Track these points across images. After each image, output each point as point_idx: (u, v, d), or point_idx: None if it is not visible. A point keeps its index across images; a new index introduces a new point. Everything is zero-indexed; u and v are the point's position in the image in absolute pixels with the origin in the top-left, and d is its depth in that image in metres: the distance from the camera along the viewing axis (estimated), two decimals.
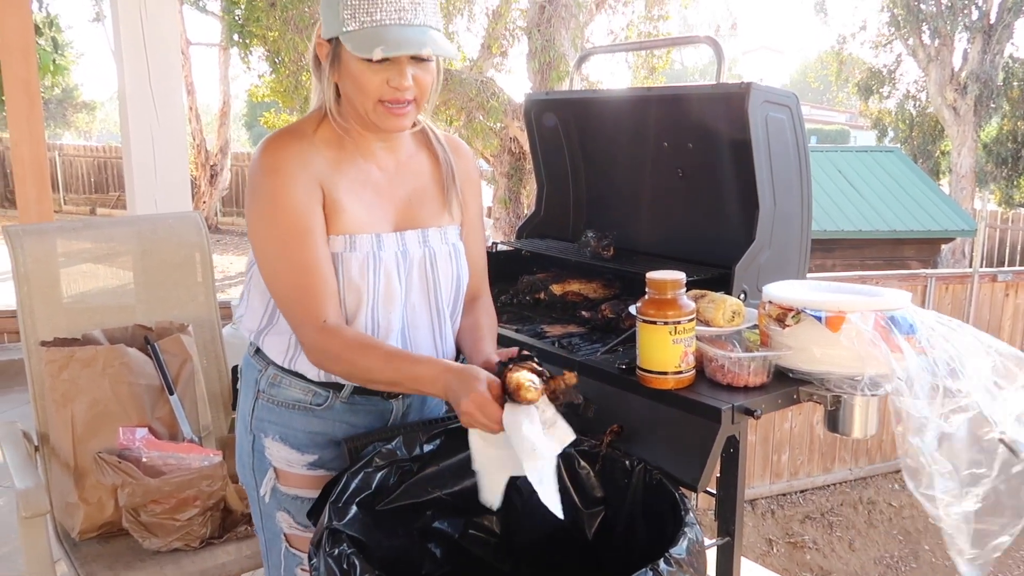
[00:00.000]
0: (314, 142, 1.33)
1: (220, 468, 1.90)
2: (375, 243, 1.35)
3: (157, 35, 3.46)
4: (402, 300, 1.39)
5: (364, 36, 1.22)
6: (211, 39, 17.88)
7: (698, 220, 1.95)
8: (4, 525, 3.16)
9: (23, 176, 3.94)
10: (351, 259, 1.33)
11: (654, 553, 1.09)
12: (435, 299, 1.43)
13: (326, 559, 1.10)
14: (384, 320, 1.37)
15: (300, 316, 1.29)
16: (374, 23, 1.22)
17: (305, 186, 1.29)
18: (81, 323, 2.09)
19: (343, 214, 1.32)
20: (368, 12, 1.22)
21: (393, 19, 1.22)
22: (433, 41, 1.24)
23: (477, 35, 10.21)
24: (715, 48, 1.82)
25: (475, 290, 1.54)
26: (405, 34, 1.22)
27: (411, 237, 1.40)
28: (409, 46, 1.22)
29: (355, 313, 1.35)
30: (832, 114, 32.93)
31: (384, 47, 1.21)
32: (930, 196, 12.46)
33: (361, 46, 1.22)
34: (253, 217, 1.31)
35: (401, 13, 1.22)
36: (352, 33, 1.23)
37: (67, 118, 25.73)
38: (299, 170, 1.29)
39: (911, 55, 16.76)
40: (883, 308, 1.36)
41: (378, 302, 1.36)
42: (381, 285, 1.35)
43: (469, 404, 1.18)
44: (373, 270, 1.34)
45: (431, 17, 1.26)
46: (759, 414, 1.33)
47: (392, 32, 1.22)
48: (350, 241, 1.33)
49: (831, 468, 7.25)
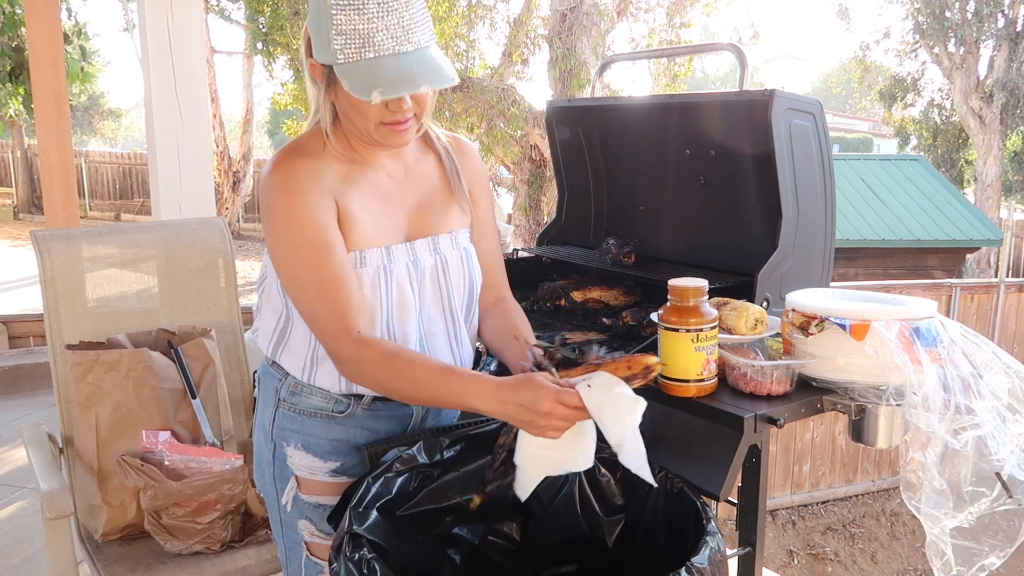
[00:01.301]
0: (324, 157, 1.31)
1: (241, 472, 1.91)
2: (385, 256, 1.34)
3: (183, 44, 3.51)
4: (417, 310, 1.38)
5: (359, 75, 1.17)
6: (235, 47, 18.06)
7: (720, 228, 1.94)
8: (29, 526, 3.20)
9: (51, 182, 4.00)
10: (362, 275, 1.32)
11: (674, 562, 1.08)
12: (449, 306, 1.43)
13: (346, 563, 1.10)
14: (400, 332, 1.36)
15: (332, 330, 1.26)
16: (367, 56, 1.17)
17: (319, 200, 1.27)
18: (106, 327, 2.11)
19: (355, 228, 1.31)
20: (360, 47, 1.17)
21: (387, 49, 1.17)
22: (430, 73, 1.19)
23: (498, 43, 10.26)
24: (738, 55, 1.81)
25: (496, 289, 1.52)
26: (402, 68, 1.18)
27: (421, 246, 1.39)
28: (406, 86, 1.18)
29: (368, 328, 1.34)
30: (855, 122, 32.68)
31: (381, 90, 1.16)
32: (955, 205, 12.32)
33: (357, 86, 1.17)
34: (272, 237, 1.30)
35: (395, 41, 1.18)
36: (346, 67, 1.18)
37: (93, 125, 26.10)
38: (312, 185, 1.27)
39: (936, 63, 16.60)
40: (908, 317, 1.34)
41: (392, 315, 1.35)
42: (394, 297, 1.35)
43: (550, 403, 1.13)
44: (384, 284, 1.33)
45: (424, 34, 1.21)
46: (782, 423, 1.32)
47: (388, 67, 1.17)
48: (360, 257, 1.32)
49: (853, 479, 7.17)
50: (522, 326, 1.46)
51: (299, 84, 9.88)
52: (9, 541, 3.09)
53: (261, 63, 11.78)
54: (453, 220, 1.43)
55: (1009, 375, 1.34)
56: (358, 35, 1.17)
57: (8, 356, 5.31)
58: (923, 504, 1.26)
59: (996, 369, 1.34)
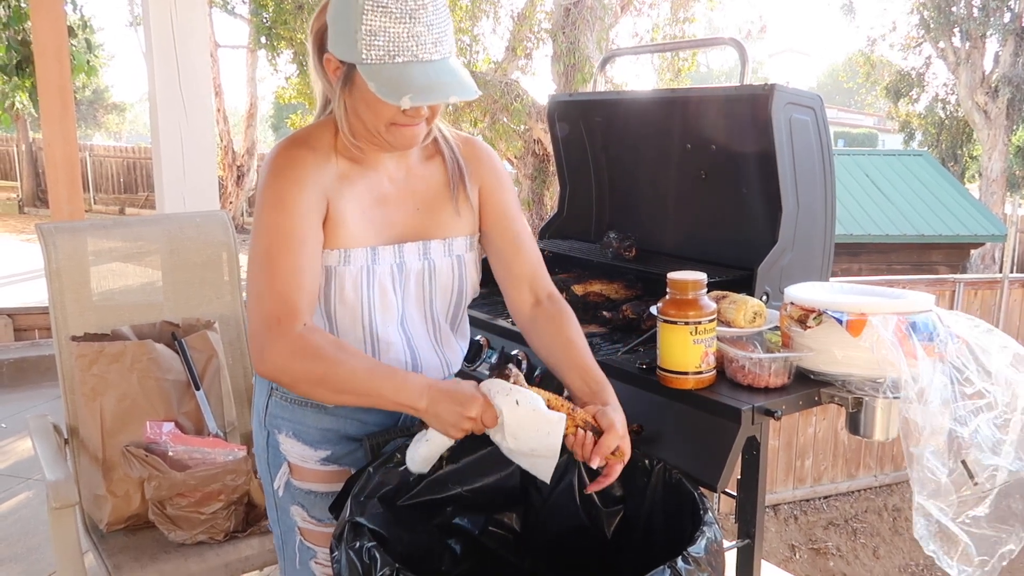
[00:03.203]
0: (329, 152, 1.31)
1: (244, 463, 1.92)
2: (370, 257, 1.34)
3: (187, 38, 3.51)
4: (399, 312, 1.38)
5: (388, 78, 1.17)
6: (239, 41, 18.07)
7: (721, 221, 1.95)
8: (34, 517, 3.23)
9: (55, 176, 4.02)
10: (345, 273, 1.32)
11: (672, 552, 1.09)
12: (431, 311, 1.42)
13: (348, 552, 1.12)
14: (384, 333, 1.37)
15: (277, 314, 1.21)
16: (396, 60, 1.17)
17: (310, 195, 1.27)
18: (110, 319, 2.12)
19: (342, 228, 1.31)
20: (389, 49, 1.17)
21: (417, 55, 1.18)
22: (459, 84, 1.19)
23: (502, 37, 10.25)
24: (739, 50, 1.82)
25: (533, 284, 1.47)
26: (430, 78, 1.18)
27: (410, 250, 1.38)
28: (436, 95, 1.18)
29: (351, 328, 1.34)
30: (860, 117, 32.60)
31: (411, 96, 1.16)
32: (959, 200, 12.30)
33: (386, 89, 1.17)
34: (256, 216, 1.30)
35: (425, 49, 1.18)
36: (372, 68, 1.18)
37: (97, 119, 26.17)
38: (307, 178, 1.27)
39: (941, 57, 16.55)
40: (905, 311, 1.35)
41: (375, 315, 1.35)
42: (376, 298, 1.35)
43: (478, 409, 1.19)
44: (367, 284, 1.33)
45: (449, 44, 1.22)
46: (779, 415, 1.33)
47: (416, 75, 1.17)
48: (344, 255, 1.32)
49: (856, 474, 7.18)
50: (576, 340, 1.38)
51: (303, 79, 9.89)
52: (15, 531, 3.11)
53: (265, 57, 11.78)
54: (451, 226, 1.42)
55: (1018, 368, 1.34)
56: (389, 38, 1.16)
57: (14, 348, 5.34)
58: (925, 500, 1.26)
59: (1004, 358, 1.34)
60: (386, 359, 1.38)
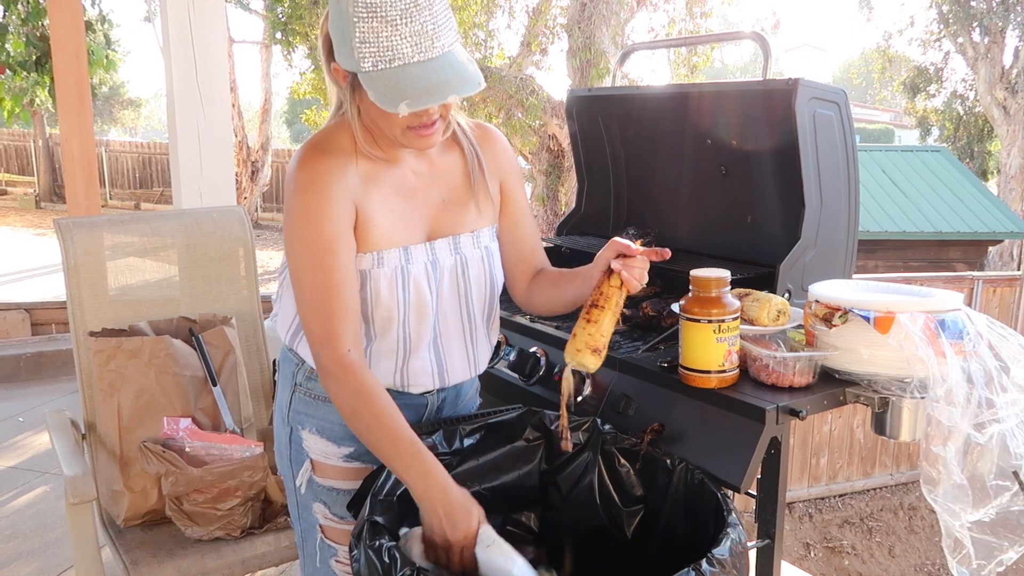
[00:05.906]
0: (350, 154, 1.30)
1: (261, 459, 1.92)
2: (403, 257, 1.33)
3: (204, 33, 3.51)
4: (433, 311, 1.38)
5: (385, 85, 1.15)
6: (254, 37, 18.13)
7: (741, 218, 1.93)
8: (52, 511, 3.24)
9: (72, 171, 4.04)
10: (379, 275, 1.31)
11: (694, 553, 1.08)
12: (467, 306, 1.42)
13: (367, 551, 1.11)
14: (415, 332, 1.36)
15: (321, 338, 1.26)
16: (393, 64, 1.15)
17: (337, 204, 1.26)
18: (127, 315, 2.12)
19: (373, 230, 1.30)
20: (384, 54, 1.15)
21: (413, 57, 1.15)
22: (459, 80, 1.16)
23: (517, 32, 10.25)
24: (761, 44, 1.79)
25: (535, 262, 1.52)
26: (428, 78, 1.15)
27: (441, 246, 1.37)
28: (434, 96, 1.15)
29: (386, 329, 1.34)
30: (876, 113, 32.36)
31: (408, 102, 1.14)
32: (977, 197, 12.18)
33: (383, 97, 1.15)
34: (287, 231, 1.30)
35: (420, 49, 1.15)
36: (371, 76, 1.16)
37: (113, 114, 26.33)
38: (333, 187, 1.27)
39: (960, 52, 16.37)
40: (934, 310, 1.33)
41: (410, 316, 1.35)
42: (412, 298, 1.34)
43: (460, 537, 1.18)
44: (402, 284, 1.33)
45: (449, 36, 1.18)
46: (804, 415, 1.31)
47: (415, 77, 1.15)
48: (378, 258, 1.31)
49: (871, 472, 7.13)
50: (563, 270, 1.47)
51: (318, 74, 9.91)
52: (33, 525, 3.13)
53: (280, 52, 11.80)
54: (475, 218, 1.42)
55: None
56: (382, 44, 1.14)
57: (31, 343, 5.38)
58: (941, 498, 1.25)
59: (1022, 362, 1.32)
60: (415, 360, 1.38)
